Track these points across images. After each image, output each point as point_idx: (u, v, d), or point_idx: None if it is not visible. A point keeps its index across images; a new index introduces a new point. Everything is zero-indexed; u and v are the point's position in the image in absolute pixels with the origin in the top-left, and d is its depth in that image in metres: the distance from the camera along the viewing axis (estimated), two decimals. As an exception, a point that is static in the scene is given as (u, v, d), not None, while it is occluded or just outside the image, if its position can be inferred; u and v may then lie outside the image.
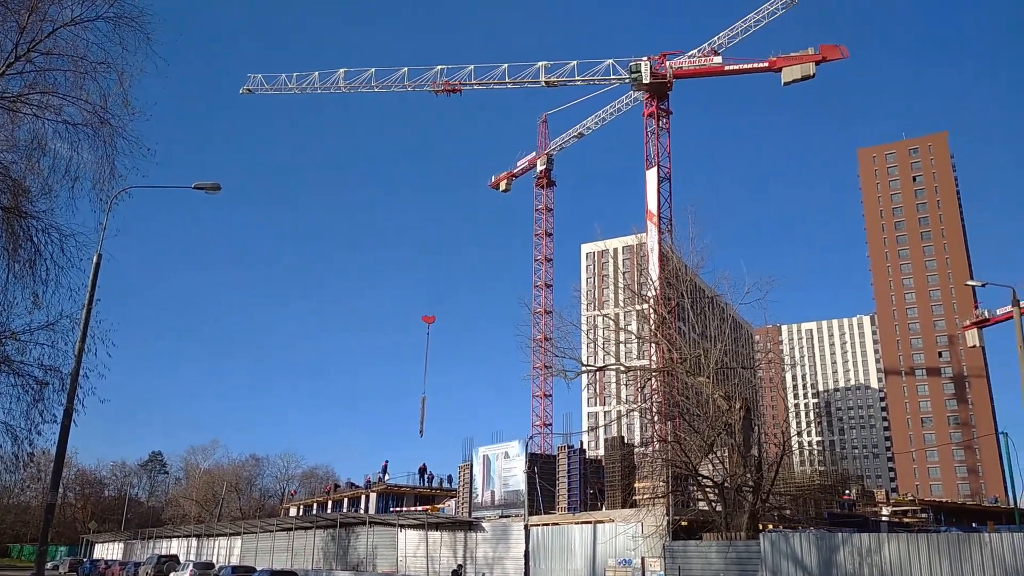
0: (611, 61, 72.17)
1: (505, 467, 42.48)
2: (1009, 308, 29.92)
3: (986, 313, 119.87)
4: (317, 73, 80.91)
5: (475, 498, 44.69)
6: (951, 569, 21.04)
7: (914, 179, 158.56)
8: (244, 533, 61.84)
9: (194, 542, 72.01)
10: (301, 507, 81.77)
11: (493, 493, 43.28)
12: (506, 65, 75.08)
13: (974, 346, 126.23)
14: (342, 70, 79.75)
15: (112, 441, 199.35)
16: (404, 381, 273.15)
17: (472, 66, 76.31)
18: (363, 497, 65.74)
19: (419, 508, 55.84)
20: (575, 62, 73.07)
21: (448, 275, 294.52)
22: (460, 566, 39.66)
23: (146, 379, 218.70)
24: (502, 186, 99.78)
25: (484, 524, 40.83)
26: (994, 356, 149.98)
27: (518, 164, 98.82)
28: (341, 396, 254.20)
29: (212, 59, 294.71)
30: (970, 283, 50.42)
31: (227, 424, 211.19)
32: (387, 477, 65.77)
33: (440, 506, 54.68)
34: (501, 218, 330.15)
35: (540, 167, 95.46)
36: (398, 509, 56.88)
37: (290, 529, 54.99)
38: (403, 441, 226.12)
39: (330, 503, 72.61)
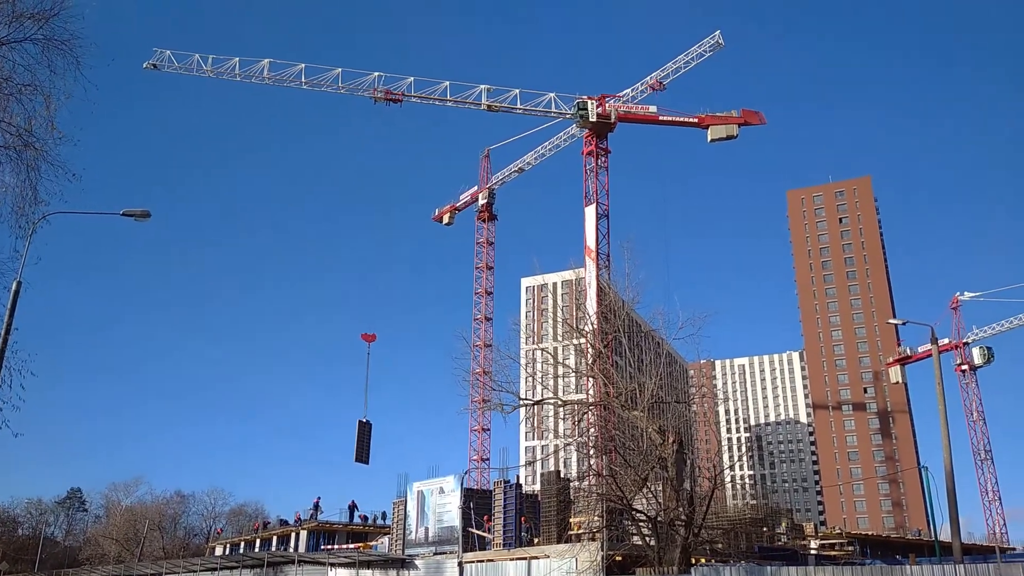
0: (553, 95, 73.26)
1: (440, 503, 41.91)
2: (929, 346, 31.27)
3: (908, 350, 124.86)
4: (237, 59, 74.66)
5: (409, 535, 43.90)
6: (874, 601, 21.57)
7: (840, 220, 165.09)
8: (166, 573, 59.25)
9: (112, 583, 68.59)
10: (228, 546, 78.81)
11: (427, 529, 42.60)
12: (447, 83, 73.74)
13: (897, 382, 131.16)
14: (267, 60, 74.30)
15: (27, 477, 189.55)
16: (338, 415, 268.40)
17: (412, 78, 73.87)
18: (293, 535, 63.77)
19: (351, 546, 54.47)
20: (517, 91, 73.41)
21: (384, 306, 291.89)
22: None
23: (66, 413, 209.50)
24: (445, 219, 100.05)
25: (417, 561, 40.11)
26: (916, 392, 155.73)
27: (461, 198, 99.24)
28: (272, 430, 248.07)
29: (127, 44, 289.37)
30: (892, 321, 52.86)
31: (151, 460, 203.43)
32: (319, 514, 64.01)
33: (373, 543, 53.46)
34: (441, 248, 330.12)
35: (482, 201, 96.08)
36: (329, 547, 55.33)
37: (215, 569, 52.95)
38: (337, 476, 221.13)
39: (258, 541, 70.19)
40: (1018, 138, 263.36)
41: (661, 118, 72.78)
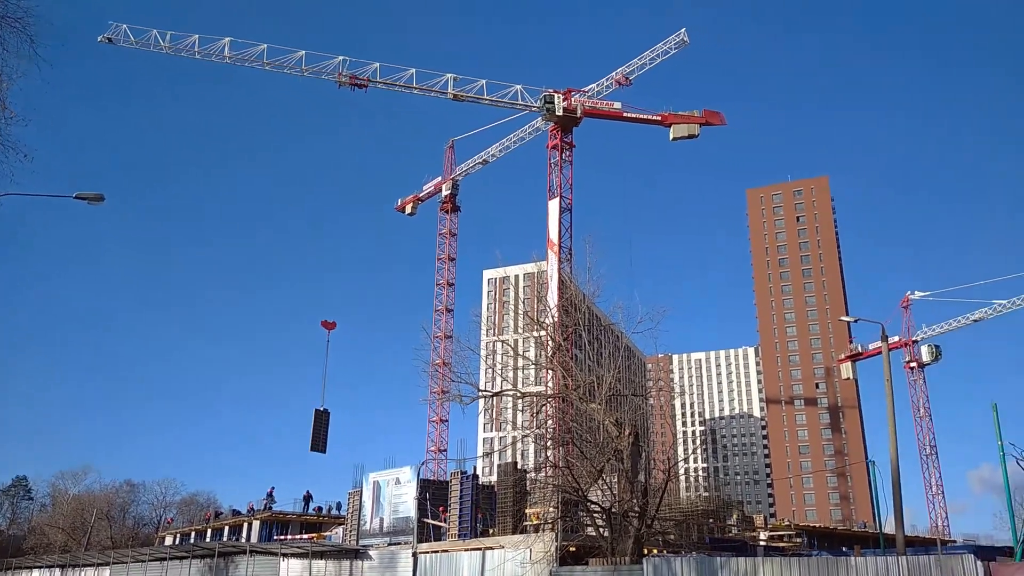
0: (519, 87, 73.17)
1: (395, 493, 41.76)
2: (880, 343, 32.07)
3: (859, 347, 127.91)
4: (197, 37, 72.98)
5: (363, 525, 43.66)
6: (819, 591, 22.11)
7: (797, 219, 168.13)
8: (113, 563, 58.13)
9: (58, 573, 67.23)
10: (178, 536, 77.53)
11: (382, 520, 42.42)
12: (413, 70, 73.07)
13: (848, 378, 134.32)
14: (227, 39, 72.78)
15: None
16: (294, 404, 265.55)
17: (377, 64, 73.07)
18: (246, 525, 62.97)
19: (305, 536, 54.01)
20: (484, 81, 73.15)
21: (344, 296, 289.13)
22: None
23: (11, 398, 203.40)
24: (408, 209, 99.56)
25: (371, 552, 39.95)
26: (866, 388, 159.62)
27: (424, 188, 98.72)
28: (227, 419, 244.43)
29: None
30: (844, 319, 53.87)
31: (101, 448, 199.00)
32: (273, 504, 63.24)
33: (327, 534, 53.07)
34: (403, 239, 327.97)
35: (445, 192, 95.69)
36: (282, 537, 54.78)
37: (164, 559, 52.06)
38: (293, 467, 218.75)
39: (210, 531, 69.18)
40: (976, 140, 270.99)
41: (625, 115, 73.37)
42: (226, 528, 66.78)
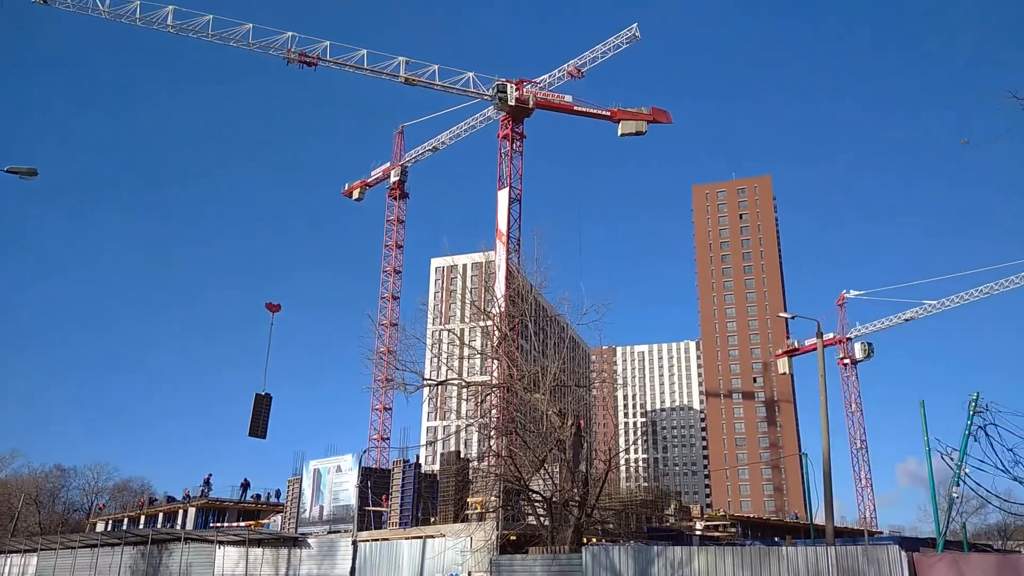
0: (472, 74, 72.85)
1: (336, 481, 41.40)
2: (816, 339, 32.94)
3: (796, 343, 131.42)
4: (138, 3, 69.91)
5: (303, 513, 43.21)
6: (752, 579, 22.72)
7: (740, 216, 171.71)
8: (41, 550, 56.28)
9: (-20, 560, 64.74)
10: (110, 522, 75.58)
11: (322, 508, 42.04)
12: (364, 51, 71.97)
13: (784, 373, 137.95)
14: (170, 7, 70.25)
15: None
16: (233, 390, 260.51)
17: (328, 42, 71.78)
18: (181, 512, 61.70)
19: (242, 524, 53.17)
20: (436, 66, 72.64)
21: (287, 280, 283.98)
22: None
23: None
24: (355, 195, 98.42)
25: (310, 540, 39.54)
26: (801, 383, 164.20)
27: (372, 173, 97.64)
28: (164, 404, 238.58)
29: None
30: (782, 315, 55.08)
31: (30, 431, 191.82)
32: (209, 491, 62.06)
33: (265, 522, 52.35)
34: (351, 223, 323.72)
35: (394, 178, 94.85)
36: (219, 525, 53.80)
37: (95, 545, 50.64)
38: (232, 453, 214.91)
39: (143, 518, 67.61)
40: (927, 142, 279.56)
41: (576, 108, 73.88)
42: (160, 515, 65.34)
